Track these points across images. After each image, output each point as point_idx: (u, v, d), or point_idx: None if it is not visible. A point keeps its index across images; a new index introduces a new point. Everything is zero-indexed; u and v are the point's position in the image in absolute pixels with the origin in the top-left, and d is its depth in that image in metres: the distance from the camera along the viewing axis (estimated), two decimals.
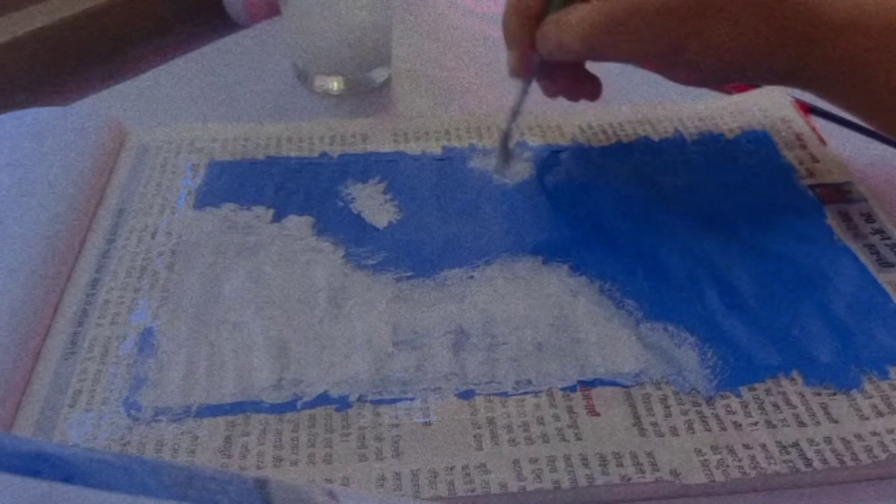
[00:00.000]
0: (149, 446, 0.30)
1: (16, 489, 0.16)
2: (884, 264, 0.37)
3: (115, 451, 0.29)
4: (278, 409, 0.32)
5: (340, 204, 0.42)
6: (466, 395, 0.32)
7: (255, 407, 0.32)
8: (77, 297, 0.36)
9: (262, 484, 0.20)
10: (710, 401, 0.32)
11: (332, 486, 0.28)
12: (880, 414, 0.31)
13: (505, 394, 0.32)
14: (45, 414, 0.31)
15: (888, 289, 0.36)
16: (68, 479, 0.17)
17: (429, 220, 0.41)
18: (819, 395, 0.32)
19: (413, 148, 0.46)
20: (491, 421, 0.31)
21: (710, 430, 0.31)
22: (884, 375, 0.32)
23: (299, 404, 0.32)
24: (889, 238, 0.39)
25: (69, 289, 0.37)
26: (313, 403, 0.32)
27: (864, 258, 0.38)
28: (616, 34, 0.37)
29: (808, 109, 0.48)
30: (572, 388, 0.32)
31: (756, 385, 0.32)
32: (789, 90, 0.48)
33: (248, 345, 0.34)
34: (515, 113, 0.43)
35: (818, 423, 0.31)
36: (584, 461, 0.29)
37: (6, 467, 0.16)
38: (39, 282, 0.36)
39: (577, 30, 0.38)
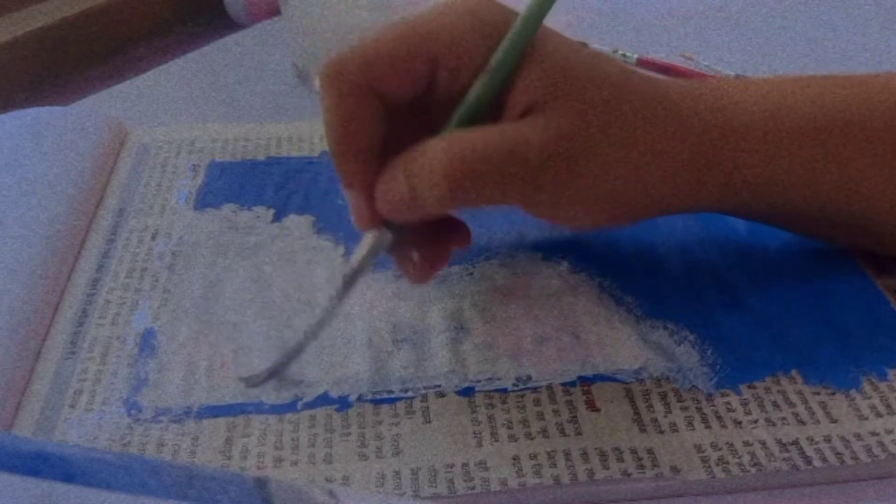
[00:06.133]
0: (149, 447, 0.30)
1: (16, 489, 0.16)
2: (882, 269, 0.37)
3: (115, 451, 0.29)
4: (278, 409, 0.32)
5: (341, 202, 0.42)
6: (466, 392, 0.32)
7: (256, 408, 0.32)
8: (77, 298, 0.36)
9: (262, 484, 0.20)
10: (710, 398, 0.32)
11: (332, 486, 0.28)
12: (879, 415, 0.31)
13: (505, 390, 0.32)
14: (45, 414, 0.31)
15: (887, 293, 0.36)
16: (68, 478, 0.17)
17: None
18: (818, 394, 0.32)
19: None
20: (491, 418, 0.31)
21: (710, 428, 0.31)
22: (883, 377, 0.32)
23: (299, 405, 0.32)
24: None
25: (69, 289, 0.37)
26: (313, 404, 0.32)
27: (862, 262, 0.38)
28: (487, 175, 0.29)
29: None
30: (572, 384, 0.32)
31: (756, 383, 0.32)
32: None
33: (248, 345, 0.34)
34: (319, 323, 0.31)
35: (818, 422, 0.31)
36: (585, 456, 0.29)
37: (6, 467, 0.16)
38: (39, 282, 0.36)
39: (435, 173, 0.28)
